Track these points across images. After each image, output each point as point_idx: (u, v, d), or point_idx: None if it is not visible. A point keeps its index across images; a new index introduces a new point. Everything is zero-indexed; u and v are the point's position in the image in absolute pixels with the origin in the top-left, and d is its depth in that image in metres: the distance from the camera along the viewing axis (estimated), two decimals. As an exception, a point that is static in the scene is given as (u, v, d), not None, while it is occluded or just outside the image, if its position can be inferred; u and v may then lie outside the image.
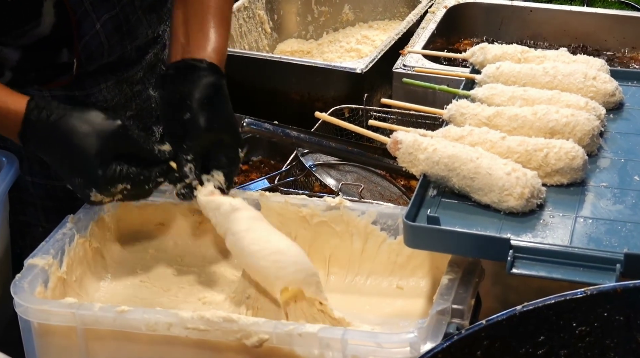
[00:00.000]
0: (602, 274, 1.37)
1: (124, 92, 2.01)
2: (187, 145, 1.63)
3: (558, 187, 1.58)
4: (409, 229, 1.48)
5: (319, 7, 3.00)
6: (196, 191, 1.62)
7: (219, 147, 1.65)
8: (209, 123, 1.63)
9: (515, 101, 1.75)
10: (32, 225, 2.09)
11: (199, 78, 1.66)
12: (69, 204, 2.02)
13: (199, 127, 1.63)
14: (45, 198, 2.05)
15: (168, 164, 1.63)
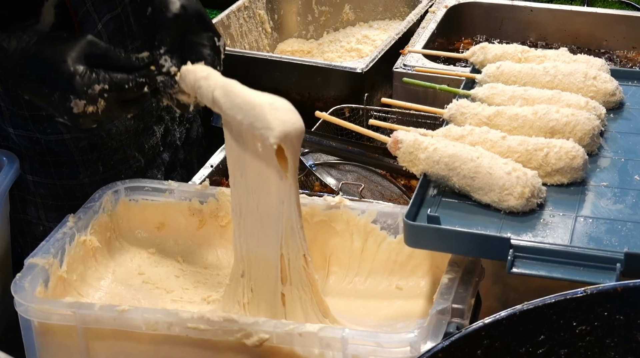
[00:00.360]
0: (603, 273, 1.37)
1: None
2: (158, 39, 1.58)
3: (558, 187, 1.58)
4: (409, 228, 1.49)
5: (320, 6, 3.01)
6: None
7: (192, 36, 1.61)
8: (172, 9, 1.59)
9: (516, 101, 1.75)
10: (33, 223, 2.10)
11: None
12: (70, 203, 2.03)
13: (163, 17, 1.59)
14: (46, 196, 2.06)
15: (148, 68, 1.58)
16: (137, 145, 2.10)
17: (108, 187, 1.75)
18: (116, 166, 2.07)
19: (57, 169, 2.02)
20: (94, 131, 2.00)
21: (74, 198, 2.04)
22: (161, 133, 2.16)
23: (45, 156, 2.01)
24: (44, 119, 1.96)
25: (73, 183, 2.04)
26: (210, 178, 2.10)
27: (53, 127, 1.97)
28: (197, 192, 1.76)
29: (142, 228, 1.77)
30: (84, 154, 2.02)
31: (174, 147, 2.24)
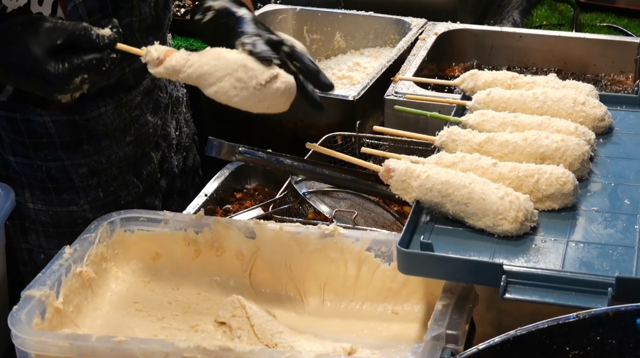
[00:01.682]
0: (594, 298, 1.39)
1: (123, 117, 2.03)
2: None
3: (549, 212, 1.59)
4: (402, 256, 1.50)
5: (311, 34, 3.03)
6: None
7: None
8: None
9: (506, 127, 1.77)
10: (34, 252, 2.10)
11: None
12: (71, 229, 2.05)
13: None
14: (47, 224, 2.07)
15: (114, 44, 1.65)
16: (136, 172, 2.12)
17: (104, 218, 1.77)
18: (116, 192, 2.08)
19: (57, 196, 2.04)
20: (94, 158, 2.01)
21: (75, 225, 2.06)
22: (158, 159, 2.18)
23: (46, 183, 2.02)
24: (44, 146, 1.98)
25: (74, 209, 2.06)
26: (204, 207, 2.12)
27: (53, 154, 1.99)
28: (192, 221, 1.78)
29: (138, 258, 1.78)
30: (84, 180, 2.03)
31: (172, 175, 2.26)
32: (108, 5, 1.89)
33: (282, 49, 1.65)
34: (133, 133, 2.06)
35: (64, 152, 1.99)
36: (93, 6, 1.86)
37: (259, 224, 1.75)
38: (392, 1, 3.02)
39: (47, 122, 1.95)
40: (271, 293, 1.75)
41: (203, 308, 1.72)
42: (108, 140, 2.02)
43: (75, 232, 1.90)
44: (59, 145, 1.98)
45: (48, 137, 1.97)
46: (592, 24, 3.14)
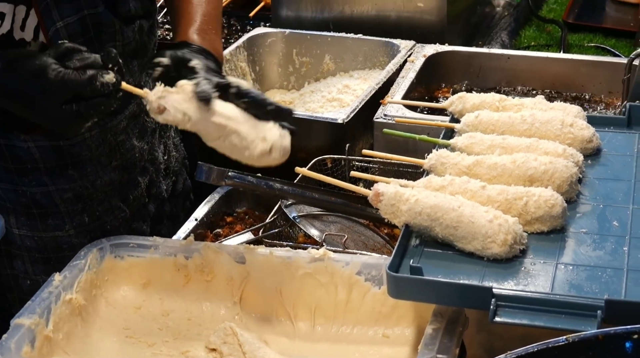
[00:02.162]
0: (584, 321, 1.39)
1: (108, 142, 2.03)
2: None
3: (538, 234, 1.60)
4: (392, 280, 1.50)
5: (300, 57, 3.04)
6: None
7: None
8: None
9: (495, 149, 1.77)
10: (20, 278, 2.10)
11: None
12: (57, 255, 2.04)
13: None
14: (33, 249, 2.06)
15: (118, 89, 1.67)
16: (122, 196, 2.11)
17: (93, 244, 1.77)
18: (101, 217, 2.08)
19: (42, 221, 2.03)
20: (79, 183, 2.01)
21: (61, 250, 2.05)
22: (146, 184, 2.17)
23: (30, 208, 2.02)
24: (29, 171, 1.98)
25: (59, 235, 2.05)
26: (194, 231, 2.12)
27: (38, 179, 1.99)
28: (182, 247, 1.78)
29: (128, 285, 1.78)
30: (69, 205, 2.03)
31: (160, 199, 2.25)
32: (90, 30, 1.89)
33: (229, 92, 1.69)
34: (119, 158, 2.06)
35: (48, 177, 1.98)
36: (74, 30, 1.86)
37: (249, 249, 1.75)
38: (381, 23, 3.03)
39: (31, 147, 1.95)
40: (262, 318, 1.75)
41: (194, 334, 1.72)
42: (93, 165, 2.02)
43: (61, 258, 1.90)
44: (43, 171, 1.98)
45: (32, 163, 1.97)
46: (580, 44, 3.15)
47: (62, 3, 1.84)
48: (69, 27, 1.86)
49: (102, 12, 1.90)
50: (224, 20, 3.48)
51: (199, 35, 1.89)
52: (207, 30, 1.91)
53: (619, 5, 3.47)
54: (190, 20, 1.93)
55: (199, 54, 1.80)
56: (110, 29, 1.93)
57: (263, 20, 3.40)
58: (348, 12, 3.09)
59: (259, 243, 1.99)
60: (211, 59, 1.81)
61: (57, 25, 1.84)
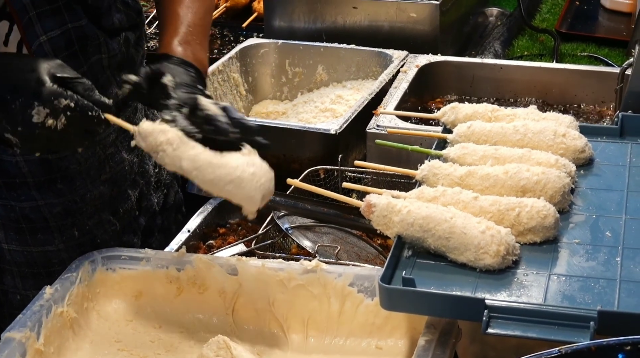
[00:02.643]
0: (577, 332, 1.39)
1: (97, 155, 2.02)
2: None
3: (531, 245, 1.59)
4: (384, 292, 1.50)
5: (293, 68, 3.04)
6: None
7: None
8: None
9: (487, 160, 1.77)
10: (10, 293, 2.09)
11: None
12: (47, 269, 2.03)
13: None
14: (22, 264, 2.05)
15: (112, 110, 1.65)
16: (112, 210, 2.10)
17: (85, 257, 1.76)
18: (91, 231, 2.07)
19: (32, 236, 2.02)
20: (68, 197, 2.00)
21: (50, 265, 2.04)
22: (136, 197, 2.16)
23: (20, 223, 2.00)
24: (17, 186, 1.96)
25: (49, 249, 2.04)
26: (187, 243, 2.11)
27: (27, 194, 1.98)
28: (174, 259, 1.77)
29: (120, 297, 1.78)
30: (58, 219, 2.02)
31: (151, 212, 2.24)
32: (74, 43, 1.88)
33: (197, 115, 1.68)
34: (108, 171, 2.05)
35: (37, 191, 1.97)
36: (58, 44, 1.86)
37: (241, 261, 1.74)
38: (374, 34, 3.03)
39: (19, 161, 1.94)
40: (254, 330, 1.74)
41: (186, 346, 1.71)
42: (82, 178, 2.01)
43: (51, 272, 1.88)
44: (32, 185, 1.97)
45: (21, 177, 1.95)
46: (572, 53, 3.15)
47: (44, 17, 1.83)
48: (52, 41, 1.85)
49: (86, 25, 1.90)
50: (217, 31, 3.48)
51: (181, 46, 1.87)
52: (190, 41, 1.89)
53: (611, 15, 3.47)
54: (174, 31, 1.91)
55: (178, 67, 1.78)
56: (95, 42, 1.92)
57: (256, 31, 3.40)
58: (341, 22, 3.09)
59: (251, 254, 1.99)
60: (192, 71, 1.80)
61: (40, 40, 1.84)
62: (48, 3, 1.83)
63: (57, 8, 1.85)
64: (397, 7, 2.99)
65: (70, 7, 1.86)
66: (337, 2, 3.08)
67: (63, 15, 1.85)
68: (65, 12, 1.86)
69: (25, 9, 1.81)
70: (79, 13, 1.88)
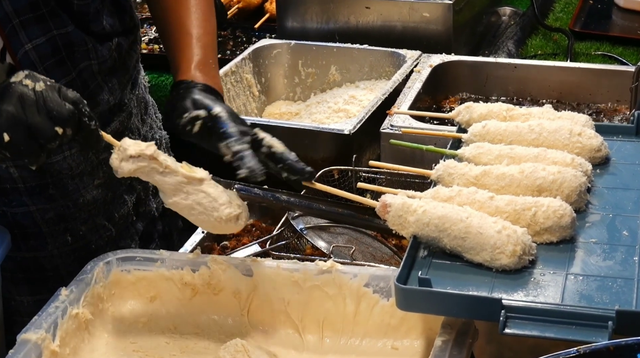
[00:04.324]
0: (595, 332, 1.37)
1: (90, 160, 2.00)
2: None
3: (548, 245, 1.58)
4: (400, 292, 1.49)
5: (306, 68, 3.04)
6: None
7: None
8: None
9: (502, 159, 1.76)
10: (4, 298, 2.07)
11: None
12: (40, 275, 2.01)
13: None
14: (15, 270, 2.04)
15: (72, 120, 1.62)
16: (107, 215, 2.08)
17: (100, 258, 1.76)
18: (85, 236, 2.05)
19: (24, 242, 2.01)
20: (60, 203, 1.99)
21: (44, 271, 2.03)
22: (133, 202, 2.14)
23: (12, 229, 1.98)
24: (9, 191, 1.95)
25: (41, 255, 2.03)
26: (201, 244, 2.11)
27: (18, 199, 1.97)
28: (188, 261, 1.77)
29: (135, 299, 1.77)
30: (51, 225, 2.01)
31: (150, 218, 2.22)
32: (61, 50, 1.86)
33: (260, 151, 1.70)
34: (102, 176, 2.03)
35: (28, 197, 1.96)
36: (44, 51, 1.84)
37: (256, 262, 1.74)
38: (387, 34, 3.03)
39: (9, 166, 1.92)
40: (269, 331, 1.74)
41: (201, 347, 1.71)
42: (75, 183, 1.99)
43: (44, 278, 1.87)
44: (23, 191, 1.96)
45: (12, 183, 1.94)
46: (586, 52, 3.14)
47: (29, 25, 1.81)
48: (38, 48, 1.83)
49: (72, 32, 1.87)
50: (229, 33, 3.49)
51: (202, 72, 1.85)
52: (208, 64, 1.88)
53: (625, 14, 3.46)
54: (192, 54, 1.88)
55: (214, 98, 1.78)
56: (83, 48, 1.90)
57: (268, 32, 3.40)
58: (353, 22, 3.09)
59: (266, 255, 1.98)
60: (220, 98, 1.79)
61: (25, 48, 1.82)
62: (31, 10, 1.81)
63: (41, 15, 1.82)
64: (410, 6, 2.99)
65: (55, 13, 1.84)
66: (350, 3, 3.08)
67: (48, 22, 1.83)
68: (49, 19, 1.83)
69: (8, 17, 1.79)
70: (65, 19, 1.86)
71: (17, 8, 1.79)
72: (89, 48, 1.90)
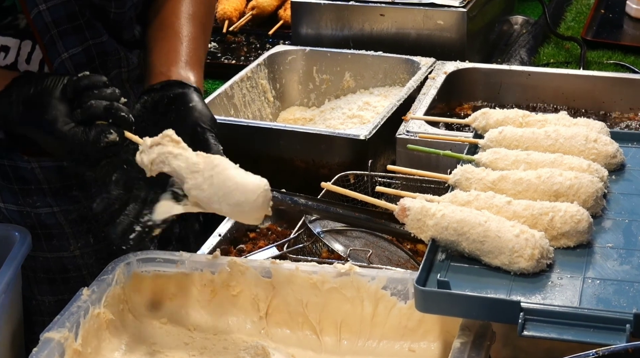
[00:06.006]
0: (612, 335, 1.39)
1: None
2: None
3: (565, 249, 1.60)
4: (419, 294, 1.51)
5: (320, 75, 3.06)
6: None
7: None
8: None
9: (519, 165, 1.78)
10: (25, 298, 2.08)
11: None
12: (62, 275, 2.03)
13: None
14: (38, 270, 2.06)
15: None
16: None
17: (120, 259, 1.78)
18: (107, 237, 2.07)
19: (47, 242, 2.03)
20: (84, 204, 2.02)
21: (66, 271, 2.05)
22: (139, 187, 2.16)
23: (35, 229, 2.01)
24: (33, 192, 1.98)
25: (64, 255, 2.05)
26: (218, 247, 2.13)
27: (42, 200, 1.99)
28: (208, 262, 1.79)
29: (155, 299, 1.79)
30: (74, 226, 2.03)
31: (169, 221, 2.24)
32: (95, 59, 1.90)
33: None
34: None
35: (52, 198, 1.99)
36: (80, 61, 1.87)
37: (275, 264, 1.76)
38: (401, 41, 3.05)
39: (35, 168, 1.95)
40: (288, 332, 1.76)
41: (220, 348, 1.73)
42: (98, 185, 2.01)
43: (66, 278, 1.89)
44: (47, 192, 1.98)
45: (36, 184, 1.97)
46: (599, 61, 3.16)
47: (66, 35, 1.85)
48: (73, 58, 1.87)
49: (107, 41, 1.91)
50: (243, 39, 3.51)
51: (191, 70, 1.85)
52: (192, 63, 1.88)
53: (636, 23, 3.48)
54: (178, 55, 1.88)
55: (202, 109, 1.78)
56: (115, 57, 1.94)
57: (282, 39, 3.43)
58: (368, 29, 3.11)
59: (283, 258, 2.00)
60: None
61: (62, 57, 1.85)
62: (69, 21, 1.84)
63: (78, 25, 1.85)
64: (424, 14, 3.01)
65: (91, 23, 1.87)
66: (364, 10, 3.10)
67: (84, 33, 1.87)
68: (86, 29, 1.87)
69: (47, 28, 1.82)
70: (100, 29, 1.89)
71: (55, 19, 1.82)
72: (121, 57, 1.94)
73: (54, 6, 1.81)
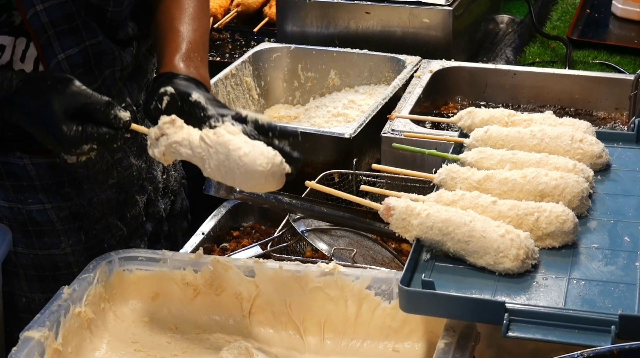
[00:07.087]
0: (598, 336, 1.39)
1: (105, 160, 2.02)
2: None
3: (550, 250, 1.59)
4: (404, 294, 1.50)
5: (305, 72, 3.04)
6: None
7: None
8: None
9: (505, 164, 1.77)
10: (16, 295, 2.08)
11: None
12: (52, 273, 2.03)
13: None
14: (28, 267, 2.05)
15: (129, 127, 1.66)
16: (119, 215, 2.10)
17: (102, 257, 1.76)
18: (98, 235, 2.07)
19: (39, 239, 2.02)
20: (75, 201, 2.00)
21: (56, 268, 2.04)
22: (144, 203, 2.16)
23: (26, 226, 2.01)
24: (25, 188, 1.97)
25: (55, 252, 2.04)
26: (201, 245, 2.12)
27: (34, 197, 1.98)
28: (191, 261, 1.77)
29: (137, 298, 1.78)
30: (65, 223, 2.02)
31: (158, 219, 2.24)
32: (91, 59, 1.89)
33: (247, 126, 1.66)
34: (116, 176, 2.05)
35: (44, 195, 1.98)
36: (76, 61, 1.86)
37: (259, 263, 1.75)
38: (386, 39, 3.04)
39: (27, 164, 1.94)
40: (271, 332, 1.75)
41: (202, 348, 1.72)
42: (90, 183, 2.01)
43: (57, 275, 1.87)
44: (39, 188, 1.97)
45: (28, 180, 1.96)
46: (584, 61, 3.15)
47: (63, 36, 1.84)
48: (70, 58, 1.86)
49: (103, 41, 1.90)
50: (228, 36, 3.49)
51: (184, 63, 1.85)
52: (192, 57, 1.87)
53: (622, 23, 3.48)
54: (176, 48, 1.88)
55: (196, 86, 1.77)
56: (110, 56, 1.93)
57: (267, 36, 3.41)
58: (353, 27, 3.10)
59: (267, 257, 1.99)
60: (202, 88, 1.79)
61: (58, 58, 1.84)
62: (66, 22, 1.83)
63: (75, 26, 1.85)
64: (409, 12, 3.00)
65: (87, 24, 1.87)
66: (350, 8, 3.09)
67: (81, 33, 1.86)
68: (83, 30, 1.86)
69: (44, 28, 1.81)
70: (96, 29, 1.89)
71: (53, 19, 1.81)
72: (116, 56, 1.93)
73: (51, 7, 1.80)
